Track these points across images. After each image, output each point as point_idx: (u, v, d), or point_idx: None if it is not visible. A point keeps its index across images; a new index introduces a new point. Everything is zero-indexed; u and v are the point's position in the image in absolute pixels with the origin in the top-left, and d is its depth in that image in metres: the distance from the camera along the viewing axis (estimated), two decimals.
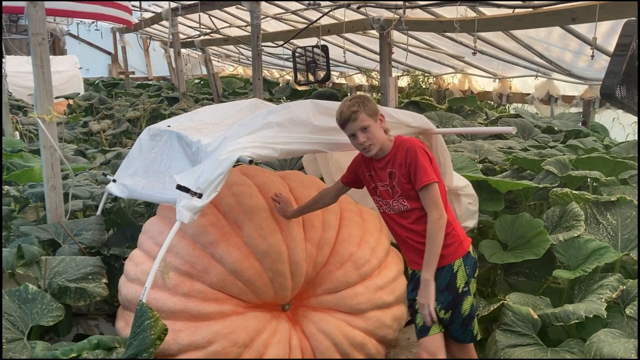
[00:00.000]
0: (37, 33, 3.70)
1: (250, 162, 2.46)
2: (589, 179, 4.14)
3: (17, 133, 7.58)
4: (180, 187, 2.42)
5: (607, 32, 5.38)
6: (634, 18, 3.42)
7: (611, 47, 5.19)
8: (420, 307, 2.40)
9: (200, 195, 2.39)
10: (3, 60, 7.09)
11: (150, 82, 15.26)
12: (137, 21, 11.66)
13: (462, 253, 2.46)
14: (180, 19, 10.38)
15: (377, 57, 6.97)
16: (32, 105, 3.65)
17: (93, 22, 11.44)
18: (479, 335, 2.54)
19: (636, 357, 2.25)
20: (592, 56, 4.78)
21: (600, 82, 3.48)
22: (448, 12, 6.11)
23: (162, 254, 2.49)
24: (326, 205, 2.87)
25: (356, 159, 2.67)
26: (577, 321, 2.61)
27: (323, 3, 6.85)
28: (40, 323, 2.79)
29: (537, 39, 6.36)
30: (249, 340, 2.72)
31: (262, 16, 7.28)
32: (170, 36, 10.58)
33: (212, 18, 9.59)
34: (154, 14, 11.10)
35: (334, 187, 2.82)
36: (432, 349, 2.41)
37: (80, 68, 13.24)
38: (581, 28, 5.55)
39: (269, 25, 9.17)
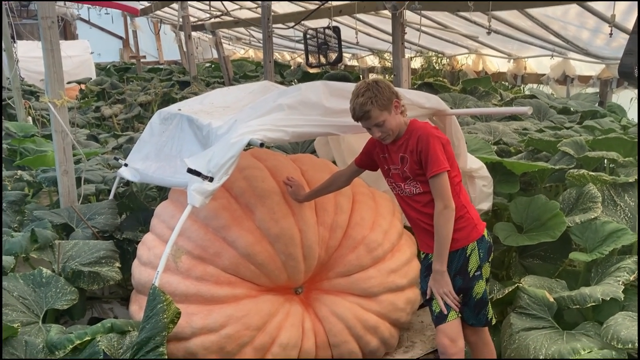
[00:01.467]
0: (47, 17, 3.67)
1: (261, 145, 2.44)
2: (605, 160, 4.07)
3: (29, 118, 7.62)
4: (191, 171, 2.41)
5: (626, 9, 5.24)
6: None
7: (630, 25, 5.07)
8: (441, 296, 2.39)
9: (211, 179, 2.38)
10: (14, 45, 7.10)
11: (161, 66, 15.24)
12: (148, 4, 11.61)
13: (476, 237, 2.43)
14: (190, 1, 10.31)
15: (390, 38, 6.86)
16: (44, 90, 3.64)
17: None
18: (494, 319, 2.52)
19: None
20: (611, 34, 4.67)
21: (619, 61, 3.40)
22: None
23: (174, 238, 2.49)
24: (339, 188, 2.84)
25: (371, 141, 2.64)
26: (593, 304, 2.57)
27: None
28: (55, 307, 2.81)
29: (553, 18, 6.22)
30: (262, 323, 2.71)
31: None
32: (181, 19, 10.53)
33: (223, 0, 9.51)
34: None
35: (347, 169, 2.79)
36: (452, 334, 2.40)
37: (92, 53, 13.24)
38: (599, 5, 5.41)
39: (280, 7, 9.07)
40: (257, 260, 2.73)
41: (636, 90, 6.36)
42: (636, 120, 6.12)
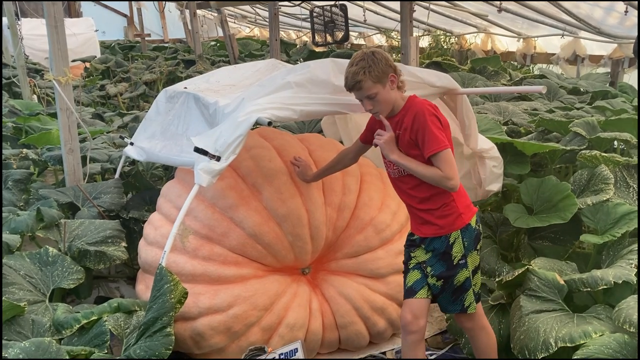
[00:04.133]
0: None
1: (269, 124, 2.39)
2: (616, 142, 4.00)
3: (34, 96, 7.58)
4: (198, 150, 2.37)
5: None
6: None
7: None
8: (376, 140, 2.34)
9: (218, 158, 2.34)
10: (19, 22, 7.03)
11: (166, 45, 15.13)
12: None
13: (460, 225, 2.34)
14: None
15: (398, 17, 6.76)
16: (49, 68, 3.59)
17: None
18: (472, 307, 2.42)
19: None
20: (626, 11, 4.56)
21: (632, 41, 3.32)
22: None
23: (181, 218, 2.46)
24: (346, 166, 2.79)
25: (373, 117, 2.57)
26: (605, 287, 2.53)
27: None
28: (62, 285, 2.80)
29: None
30: (269, 303, 2.70)
31: None
32: None
33: None
34: None
35: (353, 146, 2.74)
36: (416, 311, 2.36)
37: (96, 31, 13.12)
38: None
39: None
40: (264, 240, 2.70)
41: None
42: None
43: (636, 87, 6.39)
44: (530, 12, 6.83)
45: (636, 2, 5.26)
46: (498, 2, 5.65)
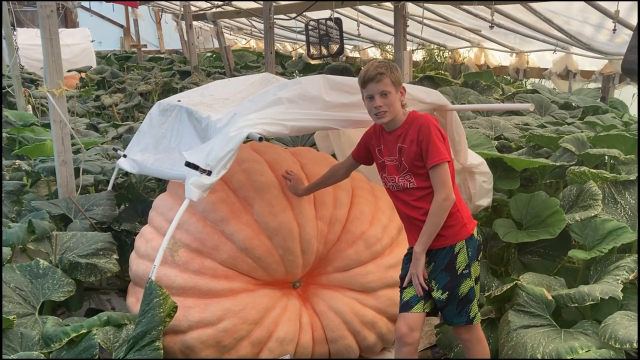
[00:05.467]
0: (46, 5, 3.64)
1: (260, 139, 2.42)
2: (607, 157, 4.04)
3: (29, 106, 7.58)
4: (189, 164, 2.39)
5: (630, 5, 5.19)
6: None
7: (634, 21, 5.03)
8: (412, 277, 2.40)
9: (209, 173, 2.36)
10: (15, 32, 7.05)
11: (162, 56, 15.16)
12: None
13: (465, 236, 2.40)
14: None
15: (392, 30, 6.82)
16: (44, 79, 3.61)
17: None
18: (478, 317, 2.47)
19: None
20: (614, 30, 4.64)
21: (622, 57, 3.37)
22: None
23: (171, 232, 2.48)
24: (338, 181, 2.83)
25: (367, 133, 2.61)
26: (592, 303, 2.55)
27: None
28: (52, 298, 2.80)
29: (556, 12, 6.17)
30: (259, 317, 2.71)
31: None
32: (182, 8, 10.46)
33: None
34: None
35: (345, 162, 2.77)
36: (412, 323, 2.40)
37: (93, 41, 13.17)
38: (603, 1, 5.37)
39: None
40: (255, 254, 2.71)
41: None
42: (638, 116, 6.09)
43: (626, 102, 6.47)
44: (522, 27, 6.91)
45: (625, 20, 5.34)
46: (490, 17, 5.71)
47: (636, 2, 5.04)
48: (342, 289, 2.95)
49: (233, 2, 10.03)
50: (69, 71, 11.00)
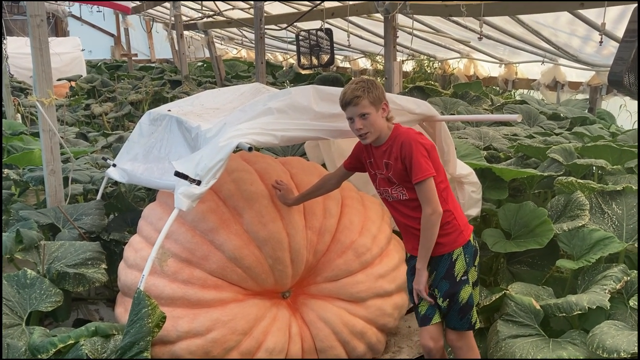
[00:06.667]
0: (36, 15, 3.64)
1: (250, 149, 2.43)
2: (594, 168, 4.09)
3: (18, 115, 7.54)
4: (178, 174, 2.39)
5: (616, 18, 5.27)
6: None
7: (620, 33, 5.09)
8: (416, 292, 2.49)
9: (199, 182, 2.36)
10: (4, 41, 7.03)
11: (153, 65, 15.15)
12: (138, 4, 11.53)
13: (462, 242, 2.47)
14: (183, 1, 10.26)
15: (382, 41, 6.87)
16: (33, 88, 3.60)
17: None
18: (477, 323, 2.55)
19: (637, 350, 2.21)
20: (601, 42, 4.69)
21: (608, 69, 3.41)
22: None
23: (160, 242, 2.47)
24: (329, 191, 2.84)
25: (359, 145, 2.65)
26: (580, 312, 2.57)
27: None
28: (39, 308, 2.77)
29: (544, 24, 6.25)
30: (249, 327, 2.70)
31: None
32: (173, 18, 10.48)
33: (215, 0, 9.47)
34: None
35: (336, 172, 2.80)
36: (435, 335, 2.49)
37: (83, 50, 13.14)
38: (589, 13, 5.44)
39: (273, 8, 9.04)
40: (244, 264, 2.71)
41: (626, 98, 6.41)
42: (625, 127, 6.18)
43: (613, 113, 6.54)
44: (510, 39, 6.98)
45: (611, 32, 5.41)
46: (479, 29, 5.77)
47: (622, 13, 5.11)
48: (331, 299, 2.95)
49: (224, 12, 10.06)
50: (59, 80, 10.96)
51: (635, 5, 3.32)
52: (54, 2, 11.90)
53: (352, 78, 10.58)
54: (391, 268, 3.03)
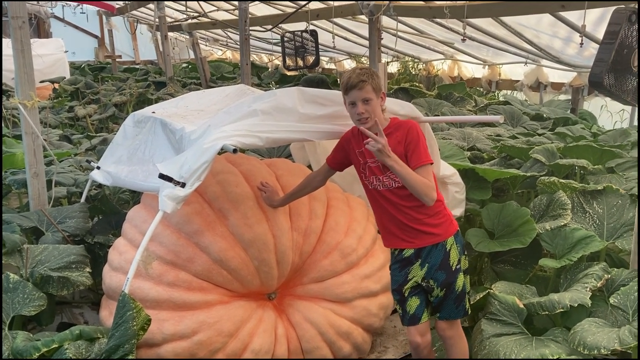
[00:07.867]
0: (17, 16, 3.61)
1: (235, 151, 2.43)
2: (576, 167, 4.15)
3: None
4: (163, 176, 2.38)
5: (596, 20, 5.35)
6: (622, 5, 3.39)
7: (600, 35, 5.17)
8: (371, 146, 2.34)
9: (183, 185, 2.36)
10: None
11: (137, 66, 15.06)
12: (123, 4, 11.46)
13: (453, 231, 2.54)
14: (167, 2, 10.22)
15: (367, 43, 6.90)
16: (14, 90, 3.56)
17: (78, 5, 11.23)
18: (469, 309, 2.62)
19: (618, 347, 2.25)
20: (581, 44, 4.77)
21: (589, 70, 3.46)
22: None
23: (145, 244, 2.46)
24: (314, 189, 2.84)
25: (345, 136, 2.67)
26: (562, 310, 2.61)
27: None
28: (22, 313, 2.75)
29: (526, 26, 6.33)
30: (235, 329, 2.70)
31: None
32: (157, 19, 10.43)
33: (200, 1, 9.45)
34: None
35: (320, 170, 2.81)
36: (423, 331, 2.54)
37: (66, 51, 12.99)
38: (571, 15, 5.52)
39: (258, 9, 9.04)
40: (230, 265, 2.71)
41: (607, 99, 6.50)
42: (606, 127, 6.27)
43: (594, 114, 6.63)
44: (494, 40, 7.06)
45: (592, 34, 5.49)
46: (462, 31, 5.83)
47: (602, 16, 5.19)
48: (317, 300, 2.96)
49: (209, 14, 10.04)
50: (42, 82, 10.84)
51: (615, 7, 3.37)
52: (35, 2, 11.78)
53: (338, 80, 10.62)
54: (377, 268, 3.05)
